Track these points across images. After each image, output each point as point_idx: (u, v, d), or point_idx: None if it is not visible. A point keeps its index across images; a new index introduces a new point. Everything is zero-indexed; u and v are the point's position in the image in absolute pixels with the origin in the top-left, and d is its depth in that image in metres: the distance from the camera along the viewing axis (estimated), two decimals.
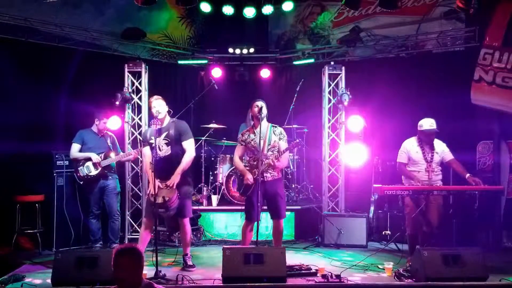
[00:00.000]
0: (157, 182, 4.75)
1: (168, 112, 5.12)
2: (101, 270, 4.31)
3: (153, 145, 4.82)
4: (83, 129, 6.02)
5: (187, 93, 8.44)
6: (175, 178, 4.86)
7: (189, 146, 5.00)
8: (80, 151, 5.88)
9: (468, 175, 5.04)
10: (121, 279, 2.86)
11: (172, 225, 6.06)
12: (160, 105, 5.00)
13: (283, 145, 5.07)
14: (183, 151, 4.98)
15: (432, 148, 5.20)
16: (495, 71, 6.37)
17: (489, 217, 6.28)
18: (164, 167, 4.85)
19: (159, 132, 4.93)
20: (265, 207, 5.09)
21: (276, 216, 5.06)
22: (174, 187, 4.84)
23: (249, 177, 4.95)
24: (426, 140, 5.20)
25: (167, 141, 4.95)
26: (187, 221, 5.14)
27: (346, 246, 6.28)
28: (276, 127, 5.16)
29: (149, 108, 5.22)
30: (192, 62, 8.38)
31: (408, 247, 5.30)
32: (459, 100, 6.56)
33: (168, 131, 4.98)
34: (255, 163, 5.02)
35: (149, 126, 5.52)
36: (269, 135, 5.04)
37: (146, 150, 5.08)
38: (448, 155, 5.21)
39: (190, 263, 5.13)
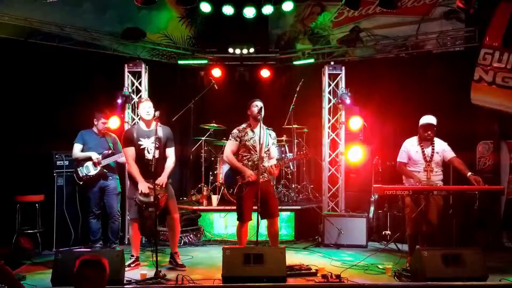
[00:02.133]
0: (147, 183, 4.82)
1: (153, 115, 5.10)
2: None
3: (142, 146, 4.96)
4: (84, 130, 6.04)
5: (187, 93, 8.43)
6: (164, 179, 4.97)
7: (173, 153, 5.16)
8: (82, 151, 5.90)
9: (469, 173, 5.01)
10: None
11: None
12: (150, 107, 5.07)
13: (274, 151, 5.12)
14: (165, 156, 5.11)
15: (432, 147, 5.19)
16: (495, 71, 6.37)
17: (489, 217, 6.29)
18: (152, 169, 4.83)
19: (148, 135, 4.97)
20: (255, 207, 4.91)
21: (272, 215, 5.00)
22: (164, 186, 4.94)
23: (251, 173, 4.86)
24: (425, 136, 5.16)
25: (156, 145, 4.95)
26: (178, 219, 5.19)
27: (346, 246, 6.28)
28: (271, 130, 5.16)
29: (138, 108, 5.24)
30: (192, 62, 8.37)
31: (408, 247, 5.28)
32: (459, 100, 6.56)
33: (156, 134, 4.99)
34: (249, 163, 4.97)
35: (132, 126, 5.54)
36: (266, 138, 5.01)
37: (131, 151, 5.03)
38: (449, 153, 5.18)
39: (180, 262, 5.16)
